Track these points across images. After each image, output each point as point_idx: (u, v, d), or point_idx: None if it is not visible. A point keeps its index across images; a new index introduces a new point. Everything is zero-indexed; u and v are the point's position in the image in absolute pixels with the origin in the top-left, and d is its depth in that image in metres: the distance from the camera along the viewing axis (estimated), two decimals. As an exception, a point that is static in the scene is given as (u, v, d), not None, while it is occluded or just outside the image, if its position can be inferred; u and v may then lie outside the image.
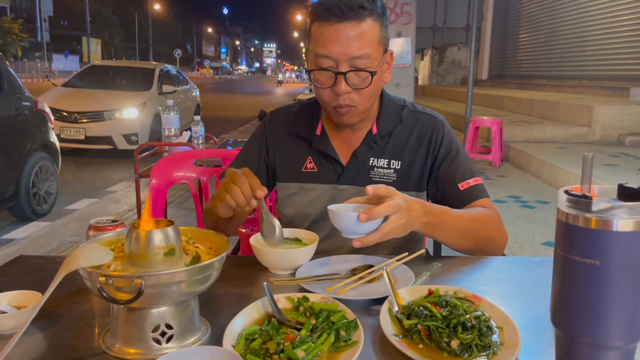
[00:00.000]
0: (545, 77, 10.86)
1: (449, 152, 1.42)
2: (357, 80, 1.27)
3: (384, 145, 1.42)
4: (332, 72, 1.26)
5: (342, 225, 1.09)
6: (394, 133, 1.42)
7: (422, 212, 1.17)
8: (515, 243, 3.34)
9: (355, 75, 1.26)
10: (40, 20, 45.15)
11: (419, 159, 1.41)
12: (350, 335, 0.84)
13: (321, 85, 1.30)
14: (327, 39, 1.24)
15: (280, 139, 1.49)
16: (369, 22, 1.25)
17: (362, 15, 1.24)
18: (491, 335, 0.83)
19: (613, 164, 4.98)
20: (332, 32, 1.23)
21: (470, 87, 6.74)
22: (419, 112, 1.46)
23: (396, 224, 1.09)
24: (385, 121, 1.42)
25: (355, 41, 1.23)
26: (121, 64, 10.98)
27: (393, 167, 1.41)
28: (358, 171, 1.41)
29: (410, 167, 1.41)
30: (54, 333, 0.90)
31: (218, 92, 30.91)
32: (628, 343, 0.65)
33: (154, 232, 0.81)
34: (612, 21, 8.43)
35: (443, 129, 1.44)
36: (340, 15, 1.22)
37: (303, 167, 1.45)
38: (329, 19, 1.23)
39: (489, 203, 1.38)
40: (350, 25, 1.23)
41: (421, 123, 1.44)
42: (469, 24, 18.04)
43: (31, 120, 4.98)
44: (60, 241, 4.23)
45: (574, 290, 0.65)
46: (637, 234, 0.62)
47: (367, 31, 1.24)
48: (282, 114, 1.53)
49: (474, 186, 1.38)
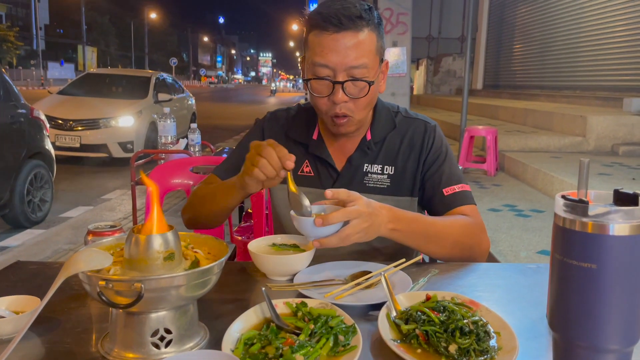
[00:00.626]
0: (539, 87, 10.94)
1: (438, 157, 1.43)
2: (355, 90, 1.28)
3: (378, 151, 1.43)
4: (330, 81, 1.27)
5: (301, 228, 1.12)
6: (387, 139, 1.44)
7: (388, 218, 1.17)
8: (511, 251, 3.35)
9: (352, 84, 1.27)
10: (36, 29, 45.17)
11: (411, 164, 1.42)
12: (349, 340, 0.84)
13: (318, 94, 1.30)
14: (325, 48, 1.25)
15: (276, 140, 1.49)
16: (366, 32, 1.26)
17: (360, 25, 1.25)
18: (489, 340, 0.83)
19: (607, 173, 5.01)
20: (330, 41, 1.24)
21: (465, 97, 6.78)
22: (412, 118, 1.47)
23: (356, 228, 1.10)
24: (379, 128, 1.43)
25: (353, 51, 1.24)
26: (117, 72, 11.00)
27: (386, 173, 1.42)
28: (352, 177, 1.42)
29: (403, 173, 1.42)
30: (53, 338, 0.90)
31: (214, 101, 30.94)
32: (625, 346, 0.66)
33: (154, 237, 0.82)
34: (605, 32, 8.52)
35: (434, 134, 1.45)
36: (339, 25, 1.23)
37: (299, 171, 1.45)
38: (327, 29, 1.24)
39: (472, 210, 1.38)
40: (348, 35, 1.24)
41: (413, 129, 1.45)
42: (463, 34, 18.19)
43: (26, 128, 4.97)
44: (55, 249, 4.21)
45: (571, 294, 0.65)
46: (633, 238, 0.63)
47: (365, 41, 1.25)
48: (279, 116, 1.53)
49: (459, 192, 1.39)
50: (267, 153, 1.15)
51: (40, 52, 44.95)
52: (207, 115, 17.39)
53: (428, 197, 1.42)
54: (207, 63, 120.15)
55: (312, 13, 1.29)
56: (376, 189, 1.41)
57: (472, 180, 5.51)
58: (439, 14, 19.98)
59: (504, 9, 13.22)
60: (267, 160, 1.15)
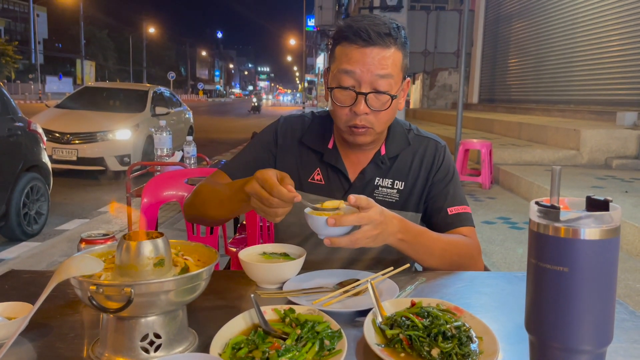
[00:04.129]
0: (534, 102, 11.04)
1: (445, 176, 1.47)
2: (377, 103, 1.31)
3: (390, 166, 1.45)
4: (354, 91, 1.30)
5: (313, 226, 1.14)
6: (400, 155, 1.46)
7: (398, 228, 1.20)
8: (504, 263, 3.37)
9: (375, 97, 1.30)
10: (34, 43, 45.43)
11: (421, 182, 1.46)
12: (334, 345, 0.86)
13: (341, 103, 1.32)
14: (352, 59, 1.28)
15: (289, 145, 1.49)
16: (393, 50, 1.29)
17: (388, 42, 1.28)
18: (470, 345, 0.85)
19: (600, 186, 5.05)
20: (358, 54, 1.28)
21: (459, 111, 6.84)
22: (423, 137, 1.51)
23: (366, 234, 1.13)
24: (394, 143, 1.46)
25: (378, 64, 1.27)
26: (115, 85, 11.04)
27: (396, 188, 1.45)
28: (364, 189, 1.44)
29: (412, 189, 1.45)
30: (45, 343, 0.91)
31: (211, 114, 31.04)
32: (598, 347, 0.68)
33: (144, 243, 0.84)
34: (599, 48, 8.62)
35: (444, 155, 1.49)
36: (368, 40, 1.26)
37: (310, 178, 1.46)
38: (356, 42, 1.28)
39: (471, 232, 1.42)
40: (376, 50, 1.27)
41: (425, 147, 1.49)
42: (459, 49, 18.33)
43: (24, 141, 4.99)
44: (50, 261, 4.21)
45: (545, 297, 0.68)
46: (603, 242, 0.65)
47: (391, 57, 1.29)
48: (293, 122, 1.53)
49: (462, 213, 1.43)
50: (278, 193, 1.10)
51: (38, 66, 45.16)
52: (204, 128, 17.44)
53: (431, 213, 1.45)
54: (205, 77, 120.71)
55: (342, 26, 1.32)
56: (385, 202, 1.42)
57: (467, 193, 5.54)
58: (435, 29, 20.13)
59: (498, 25, 13.37)
60: (277, 202, 1.11)
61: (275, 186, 1.09)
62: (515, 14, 12.26)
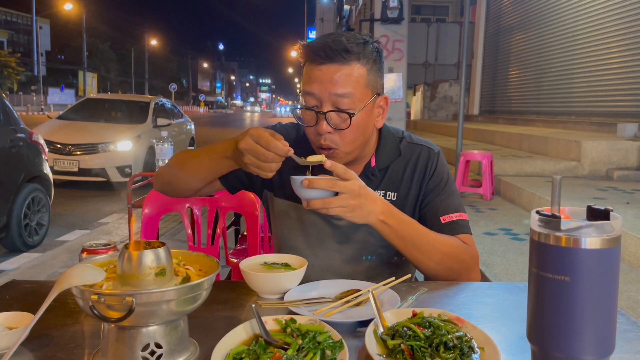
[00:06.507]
0: (535, 113, 11.06)
1: (438, 184, 1.44)
2: (338, 121, 1.29)
3: (382, 177, 1.44)
4: (315, 111, 1.29)
5: (293, 186, 1.17)
6: (391, 166, 1.45)
7: (382, 210, 1.21)
8: (506, 275, 3.36)
9: (336, 115, 1.29)
10: (37, 55, 45.65)
11: (414, 191, 1.44)
12: (336, 355, 0.86)
13: (306, 123, 1.33)
14: (311, 78, 1.29)
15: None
16: (354, 65, 1.28)
17: (348, 58, 1.27)
18: (472, 355, 0.85)
19: (602, 197, 5.04)
20: (317, 72, 1.28)
21: (460, 122, 6.85)
22: (416, 144, 1.48)
23: (341, 202, 1.15)
24: (384, 155, 1.44)
25: (336, 82, 1.26)
26: (116, 97, 11.08)
27: (389, 199, 1.42)
28: None
29: (405, 199, 1.43)
30: (46, 353, 0.91)
31: (213, 126, 31.11)
32: (600, 357, 0.68)
33: (146, 253, 0.84)
34: (599, 59, 8.66)
35: (437, 161, 1.46)
36: (325, 57, 1.26)
37: None
38: (315, 60, 1.28)
39: (467, 239, 1.39)
40: (333, 67, 1.27)
41: (417, 155, 1.46)
42: (459, 61, 18.42)
43: (25, 152, 5.01)
44: (50, 272, 4.21)
45: (546, 306, 0.68)
46: (604, 251, 0.65)
47: (352, 74, 1.27)
48: (288, 129, 1.53)
49: (456, 221, 1.39)
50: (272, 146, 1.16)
51: (41, 77, 45.30)
52: (206, 139, 17.42)
53: (424, 222, 1.42)
54: (207, 89, 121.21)
55: (305, 45, 1.33)
56: None
57: (468, 204, 5.54)
58: (435, 40, 20.25)
59: (499, 36, 13.44)
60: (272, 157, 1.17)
61: (272, 141, 1.15)
62: (515, 26, 12.33)
